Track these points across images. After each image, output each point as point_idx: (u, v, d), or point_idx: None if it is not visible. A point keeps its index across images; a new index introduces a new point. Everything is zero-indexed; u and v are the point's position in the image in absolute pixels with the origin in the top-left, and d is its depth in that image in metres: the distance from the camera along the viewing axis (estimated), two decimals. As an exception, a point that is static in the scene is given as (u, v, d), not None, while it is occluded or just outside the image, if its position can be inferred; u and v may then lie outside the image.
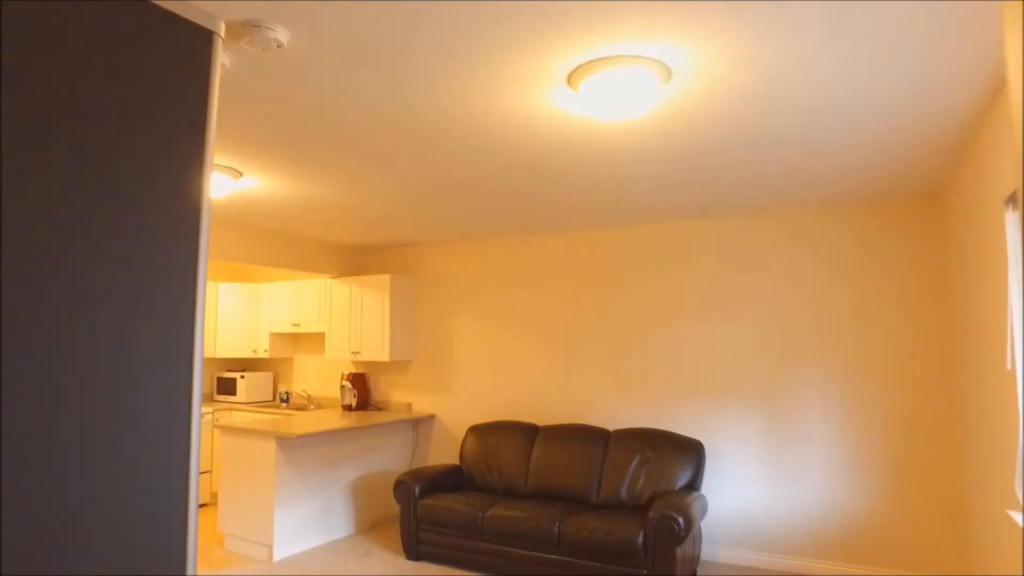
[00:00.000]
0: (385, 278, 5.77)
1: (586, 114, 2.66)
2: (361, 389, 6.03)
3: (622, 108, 2.40)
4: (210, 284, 6.47)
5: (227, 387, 6.61)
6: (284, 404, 6.50)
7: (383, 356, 5.73)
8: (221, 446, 4.91)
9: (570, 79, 2.34)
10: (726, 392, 4.62)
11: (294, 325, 6.35)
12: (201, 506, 5.89)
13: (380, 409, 6.09)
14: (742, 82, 2.36)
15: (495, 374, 5.58)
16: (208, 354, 6.44)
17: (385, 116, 2.69)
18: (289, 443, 4.69)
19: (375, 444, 5.50)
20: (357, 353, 5.88)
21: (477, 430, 5.18)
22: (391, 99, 2.52)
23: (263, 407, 6.23)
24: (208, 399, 6.78)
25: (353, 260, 6.31)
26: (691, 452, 4.42)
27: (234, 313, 6.55)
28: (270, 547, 4.58)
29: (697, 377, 4.73)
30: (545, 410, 5.35)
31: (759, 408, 4.51)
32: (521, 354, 5.47)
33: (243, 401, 6.49)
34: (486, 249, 5.70)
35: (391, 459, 5.68)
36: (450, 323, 5.82)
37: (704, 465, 4.45)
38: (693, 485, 4.36)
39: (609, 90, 2.30)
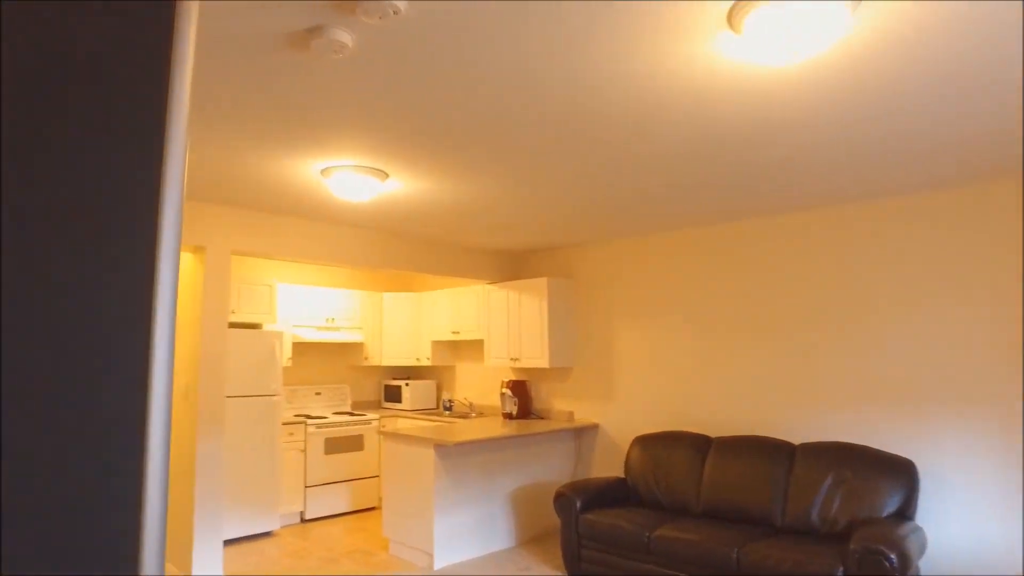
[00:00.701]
0: (542, 282, 5.59)
1: (753, 60, 2.24)
2: (522, 397, 5.88)
3: (798, 46, 1.96)
4: (374, 294, 6.73)
5: (393, 395, 6.80)
6: (447, 412, 6.55)
7: (542, 362, 5.54)
8: (384, 452, 4.98)
9: (731, 18, 1.96)
10: (945, 401, 3.81)
11: (454, 333, 6.38)
12: (369, 509, 6.07)
13: (541, 418, 5.90)
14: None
15: (661, 381, 5.15)
16: (374, 362, 6.67)
17: (530, 91, 2.47)
18: (447, 451, 4.63)
19: (536, 454, 5.30)
20: (516, 360, 5.74)
21: (643, 441, 4.79)
22: (538, 68, 2.28)
23: (427, 415, 6.31)
24: (376, 406, 7.04)
25: (509, 265, 6.22)
26: (900, 473, 3.68)
27: (398, 322, 6.73)
28: (431, 555, 4.53)
29: (905, 383, 3.95)
30: (717, 420, 4.82)
31: (995, 421, 3.65)
32: (689, 358, 4.99)
33: (408, 408, 6.64)
34: (649, 244, 5.31)
35: (553, 470, 5.44)
36: (611, 327, 5.49)
37: (918, 489, 3.69)
38: (904, 513, 3.62)
39: (783, 24, 1.88)
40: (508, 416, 5.87)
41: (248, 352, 5.24)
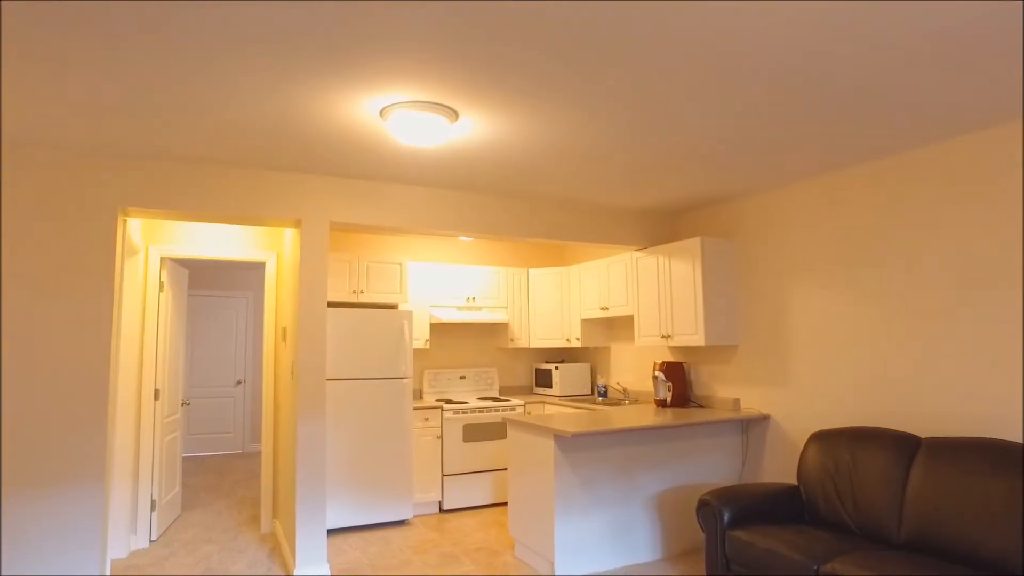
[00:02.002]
0: (694, 243, 4.61)
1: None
2: (677, 381, 4.95)
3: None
4: (518, 270, 6.21)
5: (544, 379, 6.24)
6: (601, 398, 5.82)
7: (697, 339, 4.56)
8: (508, 440, 4.43)
9: None
10: None
11: (603, 309, 5.62)
12: (502, 504, 5.56)
13: (701, 406, 4.91)
14: None
15: (849, 361, 3.90)
16: (520, 344, 6.16)
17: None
18: (567, 442, 3.94)
19: (690, 450, 4.37)
20: (668, 337, 4.83)
21: (824, 439, 3.64)
22: None
23: (577, 401, 5.64)
24: (527, 392, 6.53)
25: (660, 227, 5.29)
26: None
27: (545, 300, 6.15)
28: (551, 562, 3.89)
29: None
30: (929, 414, 3.48)
31: None
32: (888, 331, 3.70)
33: (557, 395, 6.03)
34: (828, 187, 4.08)
35: (713, 470, 4.45)
36: (784, 294, 4.33)
37: None
38: None
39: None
40: (661, 403, 4.97)
41: (374, 333, 5.04)
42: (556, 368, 6.05)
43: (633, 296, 5.21)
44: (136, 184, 3.61)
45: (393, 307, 5.53)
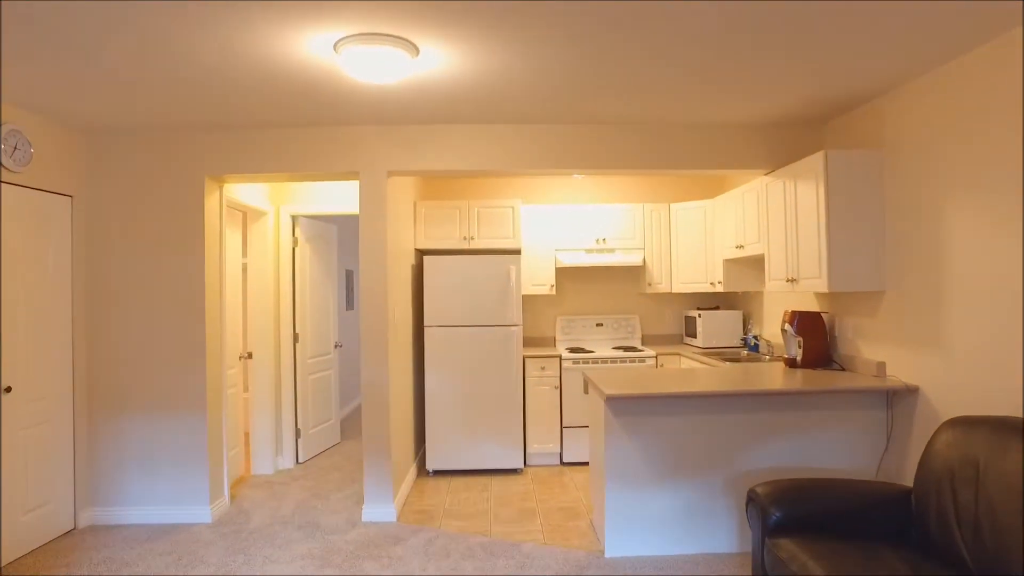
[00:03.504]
0: (816, 159, 3.52)
1: None
2: (813, 336, 3.92)
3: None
4: (657, 206, 5.46)
5: (691, 328, 5.49)
6: (750, 351, 4.92)
7: (820, 284, 3.53)
8: (588, 398, 4.02)
9: None
10: None
11: (738, 248, 4.67)
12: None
13: (843, 368, 3.83)
14: None
15: None
16: (660, 289, 5.46)
17: None
18: (621, 405, 3.42)
19: (809, 425, 3.45)
20: (793, 282, 3.83)
21: (959, 428, 2.56)
22: None
23: (719, 354, 4.85)
24: (675, 341, 5.80)
25: (793, 143, 4.14)
26: None
27: (689, 239, 5.33)
28: (601, 539, 3.46)
29: None
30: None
31: None
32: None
33: (701, 346, 5.25)
34: (1010, 59, 2.72)
35: (841, 453, 3.46)
36: (943, 226, 3.06)
37: None
38: None
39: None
40: (791, 362, 4.00)
41: (478, 279, 4.94)
42: (699, 316, 5.26)
43: (764, 230, 4.22)
44: (215, 154, 4.02)
45: (506, 252, 5.35)
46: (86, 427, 4.02)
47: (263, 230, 4.99)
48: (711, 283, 5.19)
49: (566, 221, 5.44)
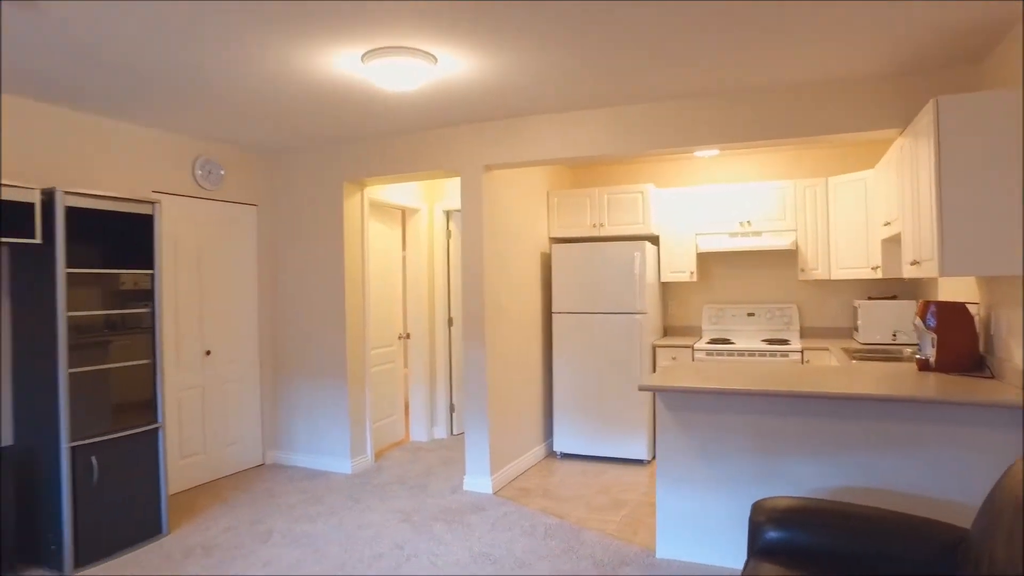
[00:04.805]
0: (926, 110, 2.82)
1: None
2: (953, 332, 3.13)
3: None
4: (813, 181, 4.72)
5: (855, 320, 4.67)
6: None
7: (929, 268, 2.84)
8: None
9: None
10: None
11: (885, 225, 3.87)
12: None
13: (992, 376, 2.98)
14: None
15: None
16: (818, 275, 4.73)
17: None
18: (675, 400, 3.20)
19: (917, 441, 2.83)
20: (916, 264, 3.12)
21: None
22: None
23: (879, 351, 4.10)
24: (843, 334, 4.93)
25: (938, 90, 3.30)
26: None
27: (847, 217, 4.53)
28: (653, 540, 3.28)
29: None
30: None
31: None
32: None
33: (862, 340, 4.44)
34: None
35: (952, 481, 2.75)
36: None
37: None
38: None
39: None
40: (923, 365, 3.24)
41: (602, 267, 4.89)
42: (858, 307, 4.47)
43: (898, 202, 3.47)
44: (350, 162, 4.72)
45: (638, 239, 5.17)
46: (270, 386, 5.07)
47: (417, 225, 5.63)
48: (872, 267, 4.38)
49: (705, 203, 5.07)
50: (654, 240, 5.41)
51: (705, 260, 5.42)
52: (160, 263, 3.65)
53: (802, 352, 4.52)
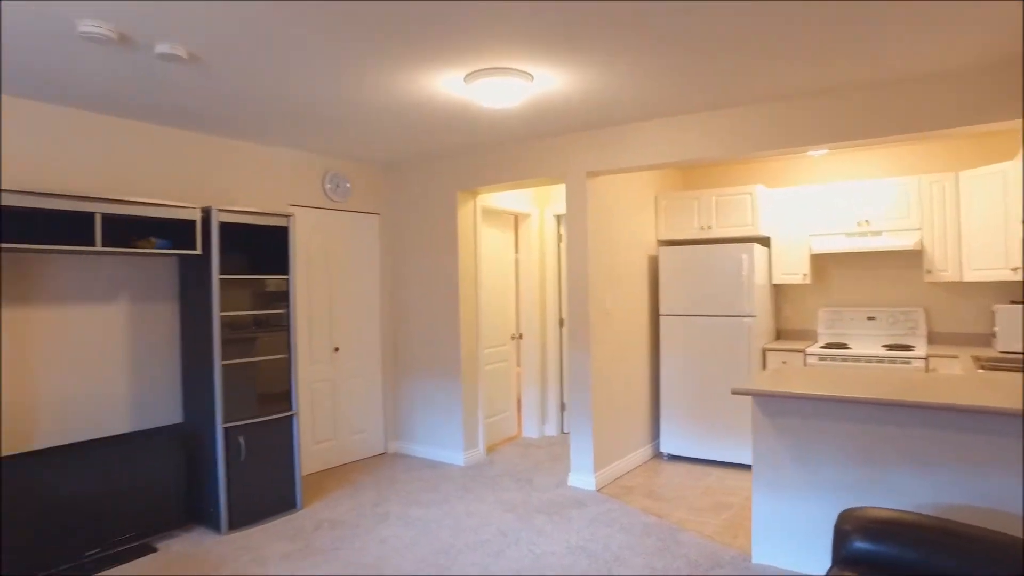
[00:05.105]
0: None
1: None
2: (1092, 342, 2.86)
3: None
4: (941, 177, 4.39)
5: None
6: (1064, 361, 3.69)
7: (1018, 271, 2.64)
8: (777, 395, 3.72)
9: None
10: None
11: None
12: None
13: None
14: None
15: None
16: (948, 277, 4.38)
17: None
18: (771, 405, 3.18)
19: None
20: (1017, 270, 2.88)
21: None
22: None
23: (1009, 360, 3.79)
24: (979, 342, 4.52)
25: None
26: None
27: (982, 213, 4.18)
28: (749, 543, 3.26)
29: None
30: None
31: None
32: None
33: (1000, 349, 4.09)
34: None
35: (1086, 499, 2.54)
36: None
37: None
38: None
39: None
40: (1054, 377, 2.98)
41: (708, 269, 4.85)
42: (995, 311, 4.11)
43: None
44: (463, 171, 5.03)
45: (747, 240, 5.05)
46: (391, 381, 5.50)
47: (529, 229, 5.86)
48: (1012, 268, 4.03)
49: (819, 203, 4.88)
50: (764, 242, 5.28)
51: (820, 261, 5.21)
52: (294, 269, 4.13)
53: (927, 359, 4.24)
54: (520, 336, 5.94)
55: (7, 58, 2.86)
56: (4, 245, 2.97)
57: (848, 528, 2.31)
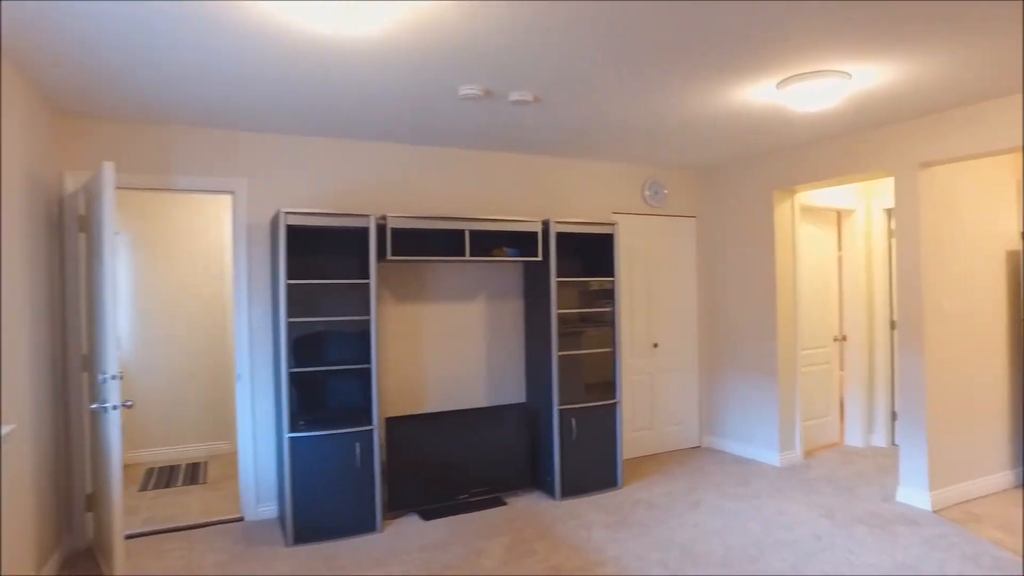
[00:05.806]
0: None
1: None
2: None
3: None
4: None
5: None
6: None
7: None
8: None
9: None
10: None
11: None
12: None
13: None
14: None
15: None
16: None
17: None
18: None
19: None
20: None
21: None
22: None
23: None
24: None
25: None
26: None
27: None
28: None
29: None
30: None
31: None
32: None
33: None
34: None
35: None
36: None
37: None
38: None
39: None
40: None
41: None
42: None
43: None
44: (778, 171, 4.98)
45: None
46: (706, 377, 5.70)
47: (854, 226, 5.49)
48: None
49: None
50: None
51: None
52: (618, 271, 4.62)
53: None
54: (844, 338, 5.61)
55: (402, 118, 3.87)
56: (394, 258, 4.02)
57: None
